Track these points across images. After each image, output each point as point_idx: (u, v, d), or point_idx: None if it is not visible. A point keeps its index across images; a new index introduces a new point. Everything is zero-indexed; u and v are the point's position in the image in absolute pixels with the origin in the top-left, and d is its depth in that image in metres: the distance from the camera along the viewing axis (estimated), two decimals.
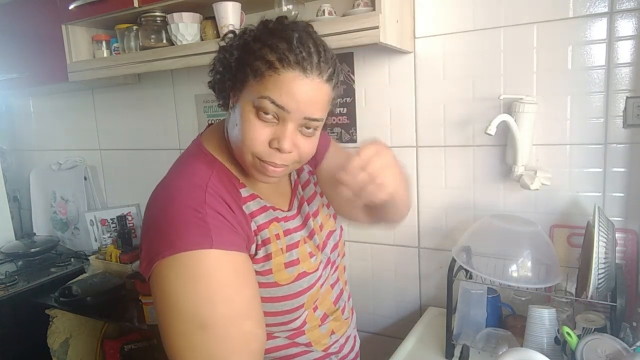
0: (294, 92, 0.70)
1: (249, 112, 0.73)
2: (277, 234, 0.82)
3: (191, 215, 0.70)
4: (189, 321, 0.67)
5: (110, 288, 1.71)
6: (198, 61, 1.46)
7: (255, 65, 0.71)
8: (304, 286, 0.83)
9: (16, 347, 1.80)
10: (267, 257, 0.80)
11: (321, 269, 0.89)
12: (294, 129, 0.74)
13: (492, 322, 1.26)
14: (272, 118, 0.73)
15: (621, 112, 1.22)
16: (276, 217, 0.84)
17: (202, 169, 0.79)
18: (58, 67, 1.79)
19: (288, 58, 0.70)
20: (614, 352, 0.97)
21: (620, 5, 1.18)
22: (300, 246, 0.85)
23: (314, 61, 0.71)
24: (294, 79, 0.70)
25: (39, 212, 2.47)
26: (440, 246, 1.51)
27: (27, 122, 2.54)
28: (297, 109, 0.72)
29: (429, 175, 1.49)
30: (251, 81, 0.73)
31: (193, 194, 0.73)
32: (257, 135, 0.73)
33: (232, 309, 0.69)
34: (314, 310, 0.89)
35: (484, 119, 1.34)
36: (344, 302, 0.97)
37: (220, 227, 0.71)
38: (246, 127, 0.73)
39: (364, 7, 1.29)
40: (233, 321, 0.69)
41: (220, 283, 0.69)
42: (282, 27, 0.74)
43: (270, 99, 0.71)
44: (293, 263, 0.83)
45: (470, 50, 1.36)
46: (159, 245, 0.70)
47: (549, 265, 1.17)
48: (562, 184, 1.31)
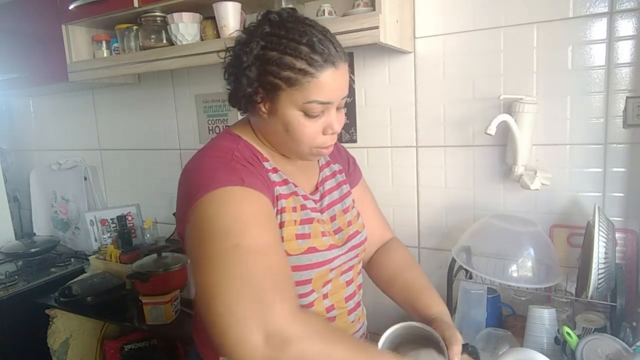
0: (334, 87, 0.79)
1: (298, 117, 0.80)
2: (294, 206, 0.86)
3: (222, 162, 0.78)
4: (224, 240, 0.68)
5: (110, 288, 1.71)
6: (198, 61, 1.46)
7: (285, 75, 0.77)
8: (312, 260, 0.85)
9: (16, 347, 1.80)
10: (281, 224, 0.83)
11: (334, 254, 0.90)
12: (335, 112, 0.83)
13: (492, 322, 1.26)
14: (320, 113, 0.81)
15: (621, 112, 1.22)
16: (296, 191, 0.88)
17: (227, 144, 0.85)
18: (58, 67, 1.79)
19: (317, 60, 0.76)
20: (614, 352, 0.97)
21: (620, 5, 1.18)
22: (313, 223, 0.88)
23: (333, 52, 0.78)
24: (330, 76, 0.78)
25: (39, 212, 2.47)
26: (440, 246, 1.51)
27: (27, 122, 2.55)
28: (338, 97, 0.81)
29: (429, 175, 1.49)
30: (287, 90, 0.78)
31: (220, 153, 0.81)
32: (313, 132, 0.82)
33: (263, 237, 0.71)
34: (323, 298, 0.89)
35: (484, 119, 1.34)
36: (354, 303, 0.97)
37: (249, 173, 0.78)
38: (301, 129, 0.81)
39: (364, 7, 1.29)
40: (264, 249, 0.70)
41: (251, 213, 0.73)
42: (287, 30, 0.78)
43: (318, 101, 0.79)
44: (304, 236, 0.85)
45: (470, 50, 1.36)
46: (192, 195, 0.74)
47: (549, 265, 1.17)
48: (562, 184, 1.31)
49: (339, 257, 0.91)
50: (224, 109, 1.86)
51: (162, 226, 2.13)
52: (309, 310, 0.81)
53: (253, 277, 0.66)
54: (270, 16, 0.80)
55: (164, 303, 1.52)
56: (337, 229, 0.95)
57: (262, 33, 0.79)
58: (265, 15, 0.81)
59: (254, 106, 0.83)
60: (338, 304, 0.92)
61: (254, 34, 0.80)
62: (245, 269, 0.67)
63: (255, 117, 0.86)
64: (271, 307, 0.63)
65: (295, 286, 0.83)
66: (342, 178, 1.03)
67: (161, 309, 1.52)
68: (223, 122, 1.87)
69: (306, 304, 0.86)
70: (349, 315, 0.95)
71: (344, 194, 1.01)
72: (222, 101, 1.86)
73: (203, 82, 1.89)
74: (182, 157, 2.01)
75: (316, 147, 0.84)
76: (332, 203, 0.96)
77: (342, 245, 0.93)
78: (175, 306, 1.57)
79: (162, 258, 1.63)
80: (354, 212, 1.01)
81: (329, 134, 0.84)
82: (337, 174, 1.02)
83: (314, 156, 0.88)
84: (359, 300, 1.00)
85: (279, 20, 0.79)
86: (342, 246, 0.93)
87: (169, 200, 2.07)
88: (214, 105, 1.88)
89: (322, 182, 0.97)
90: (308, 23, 0.80)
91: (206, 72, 1.86)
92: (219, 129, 1.89)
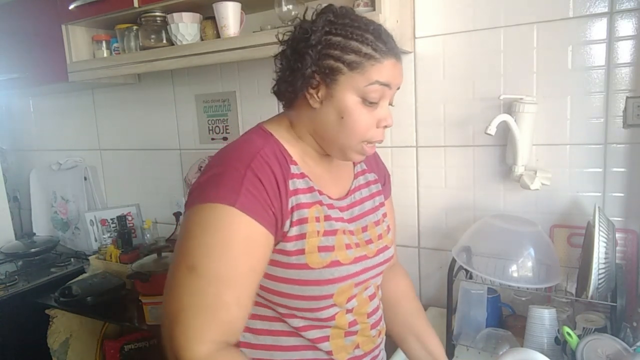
0: (395, 74, 0.80)
1: (356, 103, 0.79)
2: (317, 216, 0.82)
3: (231, 172, 0.75)
4: (184, 259, 0.72)
5: (110, 288, 1.71)
6: (198, 61, 1.46)
7: (348, 58, 0.76)
8: (335, 275, 0.81)
9: (16, 347, 1.80)
10: (301, 236, 0.79)
11: (359, 267, 0.86)
12: (387, 106, 0.83)
13: (493, 322, 1.26)
14: (375, 102, 0.79)
15: (621, 112, 1.22)
16: (320, 200, 0.84)
17: (256, 140, 0.83)
18: (58, 67, 1.79)
19: (382, 48, 0.77)
20: (614, 352, 0.97)
21: (620, 5, 1.18)
22: (337, 235, 0.84)
23: (394, 45, 0.80)
24: (392, 65, 0.79)
25: (39, 212, 2.47)
26: (440, 246, 1.51)
27: (27, 122, 2.55)
28: (396, 84, 0.81)
29: (429, 175, 1.49)
30: (347, 74, 0.77)
31: (243, 156, 0.78)
32: (368, 122, 0.80)
33: (221, 270, 0.71)
34: (346, 312, 0.86)
35: (484, 119, 1.34)
36: (377, 317, 0.94)
37: (251, 193, 0.74)
38: (357, 117, 0.79)
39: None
40: (216, 282, 0.71)
41: (224, 241, 0.72)
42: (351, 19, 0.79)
43: (379, 82, 0.78)
44: (328, 249, 0.81)
45: (470, 50, 1.36)
46: (197, 194, 0.76)
47: (549, 266, 1.17)
48: (562, 184, 1.30)
49: (366, 270, 0.88)
50: (224, 109, 1.86)
51: (162, 226, 2.13)
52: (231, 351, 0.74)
53: (187, 307, 0.70)
54: (332, 7, 0.80)
55: None
56: (369, 240, 0.91)
57: (326, 20, 0.78)
58: (326, 7, 0.81)
59: (307, 92, 0.80)
60: (360, 318, 0.89)
61: (316, 22, 0.79)
62: (185, 296, 0.70)
63: (300, 110, 0.83)
64: (185, 346, 0.68)
65: (316, 301, 0.81)
66: (377, 189, 0.99)
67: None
68: (223, 122, 1.87)
69: (325, 317, 0.83)
70: (371, 330, 0.92)
71: (377, 206, 0.97)
72: (222, 101, 1.86)
73: (203, 82, 1.89)
74: (182, 157, 2.01)
75: (365, 142, 0.82)
76: (363, 213, 0.93)
77: (372, 257, 0.90)
78: None
79: (162, 258, 1.63)
80: (384, 226, 0.97)
81: (381, 127, 0.82)
82: (371, 184, 0.98)
83: (358, 154, 0.84)
84: (381, 314, 0.97)
85: (343, 12, 0.80)
86: (372, 258, 0.89)
87: (169, 200, 2.07)
88: (214, 105, 1.88)
89: (355, 190, 0.93)
90: (369, 19, 0.81)
91: (206, 72, 1.86)
92: (219, 129, 1.89)
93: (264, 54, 1.32)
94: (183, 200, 2.02)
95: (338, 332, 0.86)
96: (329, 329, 0.85)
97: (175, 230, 2.05)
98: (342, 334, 0.86)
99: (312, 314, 0.82)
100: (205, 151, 1.93)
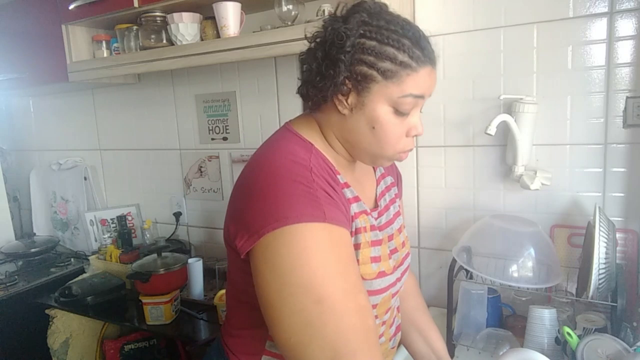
0: (430, 84, 0.75)
1: (388, 113, 0.74)
2: (364, 226, 0.80)
3: (302, 189, 0.68)
4: (305, 296, 0.63)
5: (110, 288, 1.71)
6: (198, 61, 1.46)
7: (382, 66, 0.70)
8: (382, 285, 0.80)
9: (16, 347, 1.80)
10: (357, 246, 0.77)
11: (396, 277, 0.85)
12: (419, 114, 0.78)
13: (493, 322, 1.26)
14: (408, 112, 0.75)
15: (621, 112, 1.22)
16: (366, 210, 0.82)
17: (300, 150, 0.75)
18: (58, 67, 1.79)
19: (419, 56, 0.72)
20: (614, 353, 0.97)
21: (620, 5, 1.18)
22: (382, 244, 0.83)
23: (431, 50, 0.74)
24: (428, 74, 0.74)
25: (39, 212, 2.47)
26: (440, 246, 1.51)
27: (27, 122, 2.55)
28: (429, 94, 0.77)
29: (429, 175, 1.49)
30: (381, 82, 0.71)
31: (300, 171, 0.71)
32: (400, 132, 0.76)
33: (348, 282, 0.67)
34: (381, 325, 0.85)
35: (484, 119, 1.34)
36: (395, 328, 0.93)
37: (330, 204, 0.70)
38: (390, 128, 0.74)
39: None
40: (349, 295, 0.66)
41: (334, 256, 0.67)
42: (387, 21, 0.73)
43: (413, 94, 0.73)
44: (376, 259, 0.80)
45: (470, 50, 1.36)
46: (268, 217, 0.66)
47: (550, 266, 1.17)
48: (562, 184, 1.31)
49: (399, 280, 0.87)
50: (224, 109, 1.86)
51: (162, 226, 2.14)
52: None
53: (339, 338, 0.62)
54: (365, 5, 0.74)
55: (164, 303, 1.52)
56: (394, 249, 0.88)
57: (360, 21, 0.72)
58: (359, 4, 0.74)
59: (336, 99, 0.75)
60: (386, 330, 0.88)
61: (349, 22, 0.72)
62: (329, 328, 0.63)
63: (329, 113, 0.78)
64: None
65: None
66: (395, 192, 0.97)
67: (161, 309, 1.52)
68: (223, 122, 1.87)
69: None
70: (390, 342, 0.91)
71: (398, 211, 0.95)
72: (222, 101, 1.86)
73: (203, 82, 1.89)
74: (182, 157, 2.01)
75: (399, 152, 0.78)
76: (389, 221, 0.90)
77: (399, 266, 0.88)
78: (175, 306, 1.57)
79: (162, 258, 1.63)
80: (405, 233, 0.95)
81: (412, 136, 0.78)
82: (390, 188, 0.96)
83: (390, 161, 0.81)
84: (399, 324, 0.96)
85: (377, 10, 0.74)
86: (399, 268, 0.88)
87: (169, 200, 2.07)
88: (214, 105, 1.88)
89: (380, 196, 0.91)
90: (405, 18, 0.74)
91: (206, 72, 1.86)
92: (219, 129, 1.89)
93: (264, 54, 1.32)
94: (183, 200, 2.02)
95: None
96: None
97: (175, 230, 2.06)
98: None
99: None
100: (205, 151, 1.93)
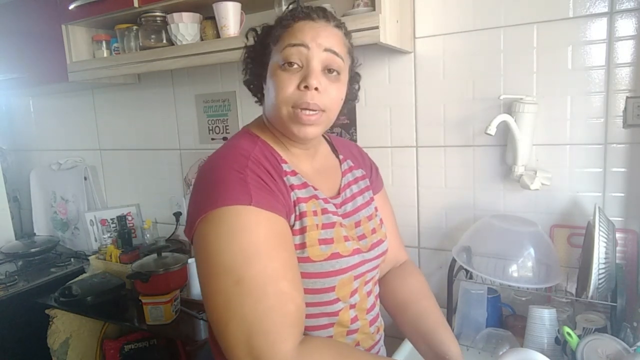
0: (307, 31, 0.80)
1: (277, 69, 0.81)
2: (314, 210, 0.83)
3: (234, 175, 0.75)
4: (226, 276, 0.68)
5: (110, 288, 1.71)
6: (198, 61, 1.46)
7: (275, 35, 0.82)
8: (335, 267, 0.82)
9: (16, 347, 1.80)
10: (302, 229, 0.81)
11: (358, 260, 0.87)
12: (318, 69, 0.80)
13: (493, 322, 1.26)
14: (297, 67, 0.79)
15: (621, 112, 1.22)
16: (316, 195, 0.85)
17: (245, 143, 0.84)
18: (58, 67, 1.79)
19: (298, 14, 0.82)
20: (614, 352, 0.97)
21: (620, 5, 1.18)
22: (335, 227, 0.85)
23: (320, 12, 0.82)
24: (306, 24, 0.81)
25: (39, 212, 2.47)
26: (440, 246, 1.51)
27: (27, 122, 2.55)
28: (313, 40, 0.79)
29: (429, 175, 1.49)
30: (273, 48, 0.83)
31: (237, 160, 0.78)
32: (286, 82, 0.79)
33: (269, 267, 0.70)
34: (350, 308, 0.87)
35: (484, 119, 1.34)
36: (374, 314, 0.95)
37: (260, 189, 0.75)
38: (276, 81, 0.80)
39: (364, 7, 1.29)
40: (269, 279, 0.69)
41: (257, 240, 0.71)
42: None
43: (290, 43, 0.79)
44: (327, 241, 0.83)
45: (470, 50, 1.36)
46: (202, 204, 0.73)
47: (549, 266, 1.17)
48: (562, 184, 1.31)
49: (363, 263, 0.89)
50: (224, 109, 1.86)
51: (162, 226, 2.13)
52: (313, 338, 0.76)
53: (254, 319, 0.67)
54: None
55: (164, 303, 1.52)
56: (362, 235, 0.92)
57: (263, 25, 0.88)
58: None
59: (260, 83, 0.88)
60: (361, 314, 0.90)
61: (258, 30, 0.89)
62: (246, 309, 0.67)
63: (264, 98, 0.88)
64: (271, 351, 0.65)
65: (319, 294, 0.82)
66: (366, 184, 1.01)
67: (161, 309, 1.52)
68: (223, 122, 1.87)
69: (331, 312, 0.84)
70: (370, 327, 0.93)
71: (368, 201, 0.98)
72: (222, 101, 1.86)
73: (203, 82, 1.89)
74: (182, 157, 2.01)
75: (293, 107, 0.79)
76: (356, 209, 0.94)
77: (367, 251, 0.91)
78: (175, 306, 1.57)
79: (162, 258, 1.63)
80: (377, 220, 0.99)
81: (303, 89, 0.78)
82: (359, 180, 1.00)
83: (294, 123, 0.80)
84: (378, 311, 0.97)
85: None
86: (367, 253, 0.90)
87: (169, 200, 2.07)
88: (214, 105, 1.88)
89: (345, 187, 0.95)
90: None
91: (206, 72, 1.86)
92: (219, 129, 1.89)
93: None
94: (183, 200, 2.02)
95: (341, 330, 0.86)
96: (332, 328, 0.85)
97: (175, 230, 2.06)
98: (344, 332, 0.87)
99: (317, 309, 0.83)
100: (205, 151, 1.93)
